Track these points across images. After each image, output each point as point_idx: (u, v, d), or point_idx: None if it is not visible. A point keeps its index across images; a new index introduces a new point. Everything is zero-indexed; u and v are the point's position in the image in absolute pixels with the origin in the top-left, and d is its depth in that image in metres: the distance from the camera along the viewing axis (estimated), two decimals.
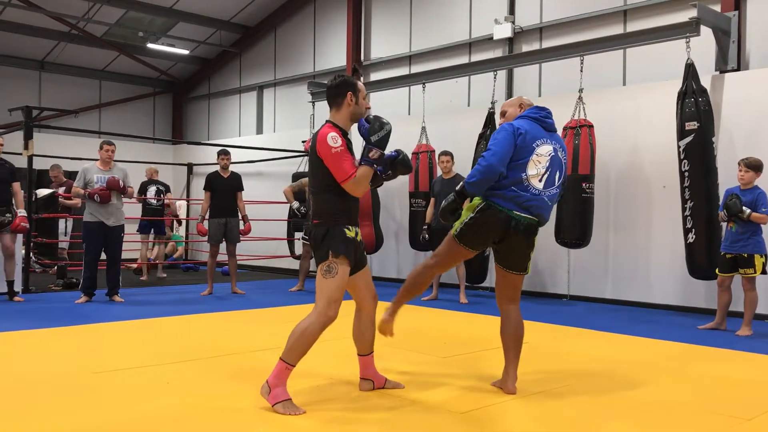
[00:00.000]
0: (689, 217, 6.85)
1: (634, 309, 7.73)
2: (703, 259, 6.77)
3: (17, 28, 12.70)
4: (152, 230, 10.87)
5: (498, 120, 4.31)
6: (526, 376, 4.15)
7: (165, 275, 11.00)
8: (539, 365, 4.63)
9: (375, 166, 3.59)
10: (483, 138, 8.54)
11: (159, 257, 11.25)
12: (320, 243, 3.59)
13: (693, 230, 6.80)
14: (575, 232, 7.62)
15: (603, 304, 8.07)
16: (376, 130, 3.56)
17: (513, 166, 3.76)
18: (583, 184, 7.53)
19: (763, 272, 6.08)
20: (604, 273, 8.26)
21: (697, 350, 5.37)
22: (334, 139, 3.53)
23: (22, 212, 7.70)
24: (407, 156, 3.83)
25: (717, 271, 6.34)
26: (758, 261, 6.02)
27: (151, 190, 10.88)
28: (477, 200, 3.87)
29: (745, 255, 6.04)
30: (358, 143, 3.57)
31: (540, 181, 3.80)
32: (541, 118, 3.94)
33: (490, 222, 3.81)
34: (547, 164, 3.82)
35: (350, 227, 3.61)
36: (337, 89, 3.67)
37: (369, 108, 3.84)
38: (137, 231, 10.77)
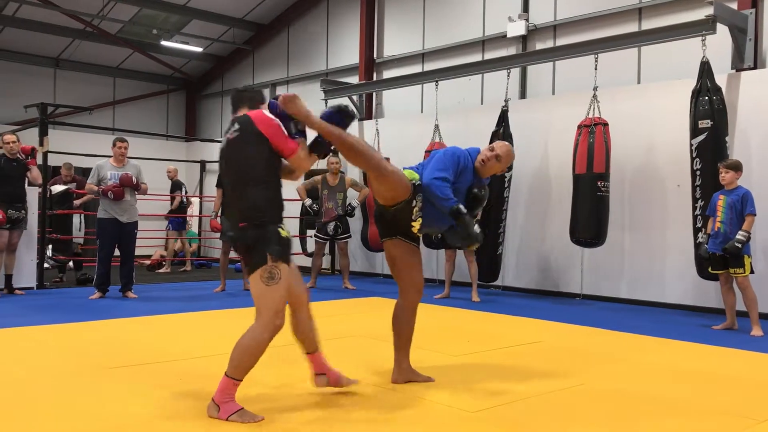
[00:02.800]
0: (699, 217, 6.80)
1: (649, 309, 7.67)
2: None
3: (33, 25, 12.81)
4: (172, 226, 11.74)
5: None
6: (540, 375, 4.14)
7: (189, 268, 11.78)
8: (552, 364, 4.60)
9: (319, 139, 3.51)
10: (496, 136, 8.50)
11: (187, 252, 12.14)
12: (256, 247, 3.27)
13: (703, 230, 6.75)
14: (590, 231, 7.55)
15: (617, 304, 8.02)
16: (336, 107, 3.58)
17: None
18: (599, 183, 7.46)
19: (752, 272, 6.15)
20: (619, 272, 8.21)
21: (711, 351, 5.33)
22: (271, 116, 3.36)
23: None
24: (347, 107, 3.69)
25: (710, 269, 6.41)
26: (747, 261, 6.10)
27: (184, 189, 11.71)
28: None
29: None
30: None
31: None
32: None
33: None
34: None
35: (282, 227, 3.34)
36: (259, 95, 3.61)
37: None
38: (173, 228, 11.61)
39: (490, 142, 8.47)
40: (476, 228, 3.78)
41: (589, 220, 7.54)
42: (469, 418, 3.42)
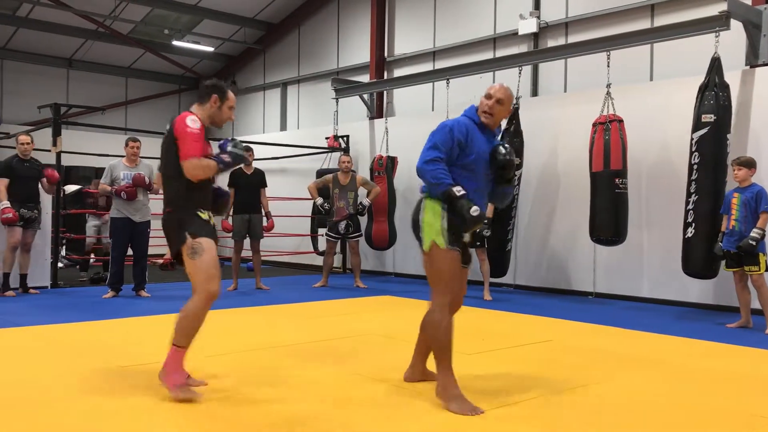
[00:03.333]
0: (691, 212, 6.75)
1: (665, 307, 7.62)
2: (699, 256, 6.71)
3: (46, 26, 12.91)
4: None
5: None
6: (552, 374, 4.13)
7: None
8: (564, 363, 4.59)
9: (220, 166, 3.70)
10: (507, 133, 8.48)
11: None
12: (176, 230, 3.67)
13: (693, 225, 6.69)
14: (610, 229, 7.44)
15: (629, 302, 7.98)
16: (236, 146, 3.77)
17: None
18: (616, 180, 7.35)
19: (767, 269, 6.12)
20: (632, 270, 8.15)
21: (725, 349, 5.29)
22: (193, 122, 3.69)
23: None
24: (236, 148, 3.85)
25: (724, 267, 6.38)
26: (762, 259, 6.07)
27: None
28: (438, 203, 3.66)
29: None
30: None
31: None
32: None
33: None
34: None
35: (202, 210, 3.73)
36: (209, 89, 3.87)
37: (232, 119, 3.99)
38: None
39: (501, 139, 8.52)
40: (474, 210, 3.56)
41: (609, 218, 7.43)
42: (481, 416, 3.41)
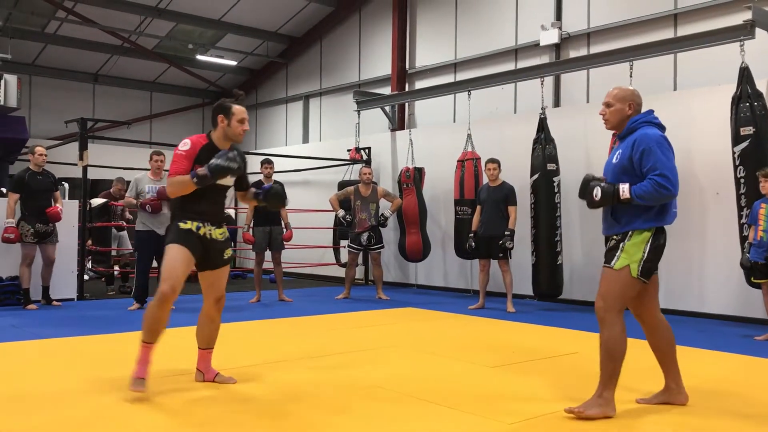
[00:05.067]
0: (746, 226, 6.66)
1: (689, 319, 7.52)
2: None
3: (73, 42, 13.15)
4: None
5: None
6: (577, 387, 4.08)
7: None
8: (589, 376, 4.54)
9: (194, 180, 3.88)
10: (537, 143, 8.43)
11: None
12: (165, 237, 4.08)
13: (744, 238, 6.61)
14: None
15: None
16: (220, 157, 3.89)
17: None
18: None
19: None
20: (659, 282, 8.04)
21: (753, 362, 5.20)
22: (184, 144, 4.02)
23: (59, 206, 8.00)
24: (279, 189, 4.44)
25: (752, 278, 6.31)
26: None
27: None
28: (646, 234, 3.62)
29: None
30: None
31: None
32: (661, 124, 3.80)
33: (665, 244, 3.71)
34: None
35: (186, 221, 4.00)
36: (213, 112, 4.11)
37: (246, 130, 4.14)
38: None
39: (533, 151, 8.45)
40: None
41: None
42: (505, 430, 3.39)
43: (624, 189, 3.58)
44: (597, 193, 3.66)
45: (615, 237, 3.68)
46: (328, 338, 6.04)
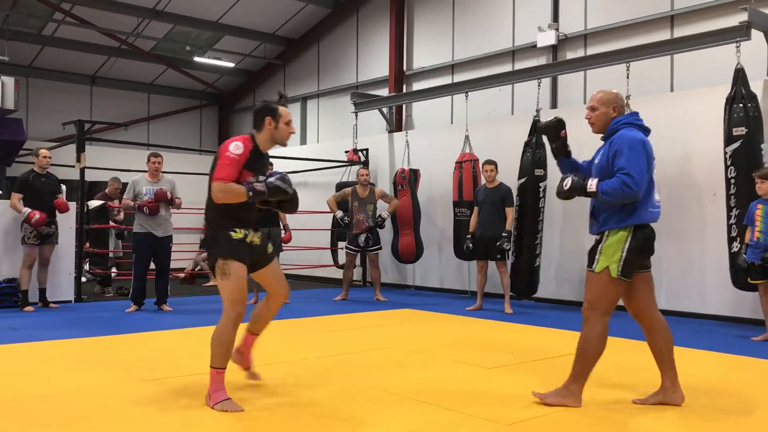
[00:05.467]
0: (734, 226, 6.70)
1: (686, 320, 7.54)
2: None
3: (70, 44, 13.15)
4: None
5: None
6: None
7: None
8: (592, 376, 4.55)
9: (250, 193, 3.70)
10: (528, 146, 8.46)
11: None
12: (209, 247, 3.82)
13: (738, 239, 6.63)
14: None
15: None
16: (279, 178, 3.80)
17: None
18: None
19: None
20: (657, 283, 8.03)
21: (750, 362, 5.22)
22: (236, 147, 3.75)
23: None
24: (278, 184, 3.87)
25: (749, 279, 6.31)
26: None
27: None
28: (622, 234, 3.67)
29: None
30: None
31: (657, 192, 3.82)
32: (644, 126, 3.85)
33: (649, 242, 3.75)
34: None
35: (237, 230, 3.78)
36: (259, 113, 3.88)
37: (293, 132, 3.98)
38: None
39: (523, 153, 8.50)
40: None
41: None
42: (503, 431, 3.40)
43: (592, 183, 3.69)
44: (567, 183, 3.78)
45: (596, 237, 3.80)
46: (326, 340, 6.04)
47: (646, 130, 3.84)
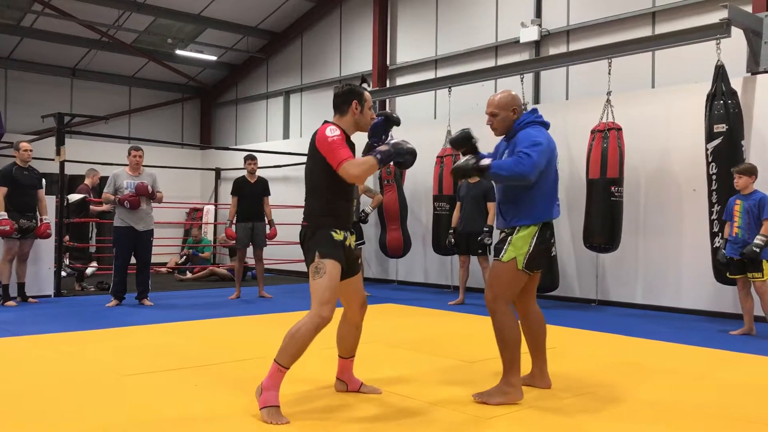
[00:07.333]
0: (716, 221, 6.77)
1: (665, 314, 7.62)
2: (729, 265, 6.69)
3: (50, 36, 12.98)
4: None
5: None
6: (554, 381, 4.12)
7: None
8: (566, 370, 4.58)
9: (378, 156, 3.53)
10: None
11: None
12: (308, 244, 3.60)
13: (720, 234, 6.70)
14: (604, 236, 7.54)
15: (633, 309, 7.97)
16: (397, 140, 3.66)
17: (550, 174, 3.84)
18: (612, 188, 7.45)
19: None
20: (635, 278, 8.15)
21: (730, 356, 5.28)
22: (332, 131, 3.55)
23: (46, 219, 7.89)
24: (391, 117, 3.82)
25: (728, 274, 6.39)
26: (765, 266, 6.07)
27: None
28: (532, 229, 3.78)
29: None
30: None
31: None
32: (544, 121, 3.96)
33: (549, 241, 3.87)
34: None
35: (338, 230, 3.59)
36: (344, 96, 3.71)
37: (374, 119, 3.80)
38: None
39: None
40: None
41: (603, 225, 7.53)
42: (485, 423, 3.41)
43: (486, 161, 3.76)
44: (463, 160, 3.84)
45: (505, 231, 3.90)
46: None
47: (546, 125, 3.95)
